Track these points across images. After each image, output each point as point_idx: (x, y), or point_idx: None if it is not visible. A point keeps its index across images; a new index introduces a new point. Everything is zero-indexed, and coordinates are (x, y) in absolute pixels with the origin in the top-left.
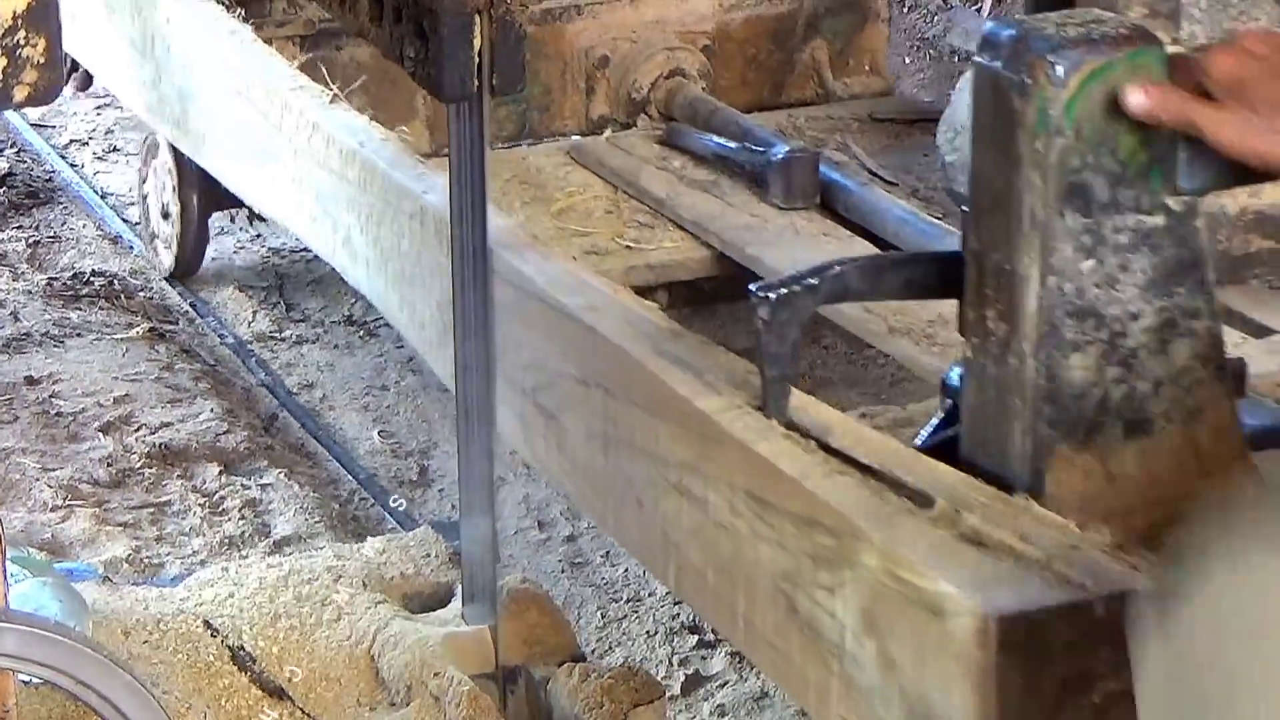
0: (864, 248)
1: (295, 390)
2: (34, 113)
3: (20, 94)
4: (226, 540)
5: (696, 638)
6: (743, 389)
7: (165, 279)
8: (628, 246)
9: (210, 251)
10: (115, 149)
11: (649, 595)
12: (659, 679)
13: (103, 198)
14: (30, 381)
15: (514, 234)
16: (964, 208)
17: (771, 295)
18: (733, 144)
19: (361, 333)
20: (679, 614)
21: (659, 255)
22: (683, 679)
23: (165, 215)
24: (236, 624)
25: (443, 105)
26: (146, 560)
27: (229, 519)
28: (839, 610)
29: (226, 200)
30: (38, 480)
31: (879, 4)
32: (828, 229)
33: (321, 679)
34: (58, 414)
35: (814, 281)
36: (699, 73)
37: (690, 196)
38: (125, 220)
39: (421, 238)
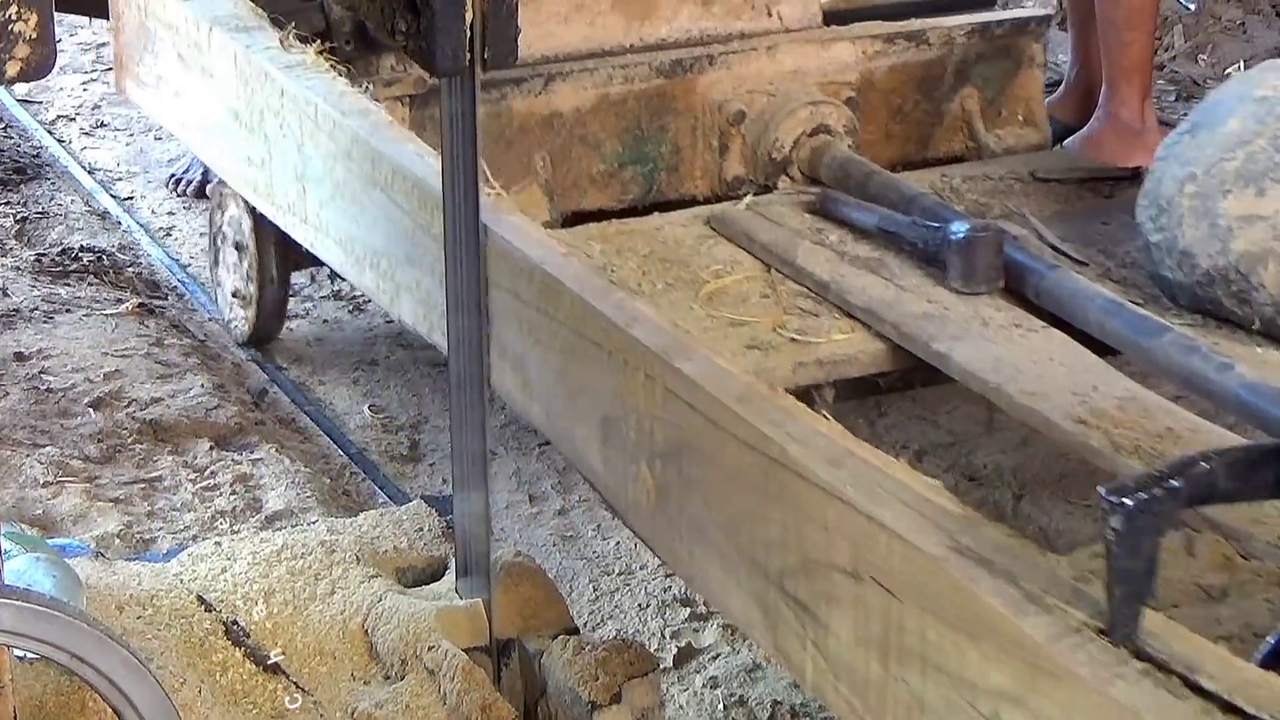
0: (1064, 342)
1: (285, 365)
2: (20, 88)
3: (12, 69)
4: (218, 515)
5: (688, 610)
6: (1074, 604)
7: (240, 345)
8: (793, 339)
9: (198, 226)
10: (103, 124)
11: (640, 569)
12: (652, 652)
13: (90, 173)
14: (20, 357)
15: (752, 387)
16: None
17: (1128, 502)
18: (900, 217)
19: (350, 308)
20: (670, 587)
21: (828, 349)
22: (675, 651)
23: (244, 279)
24: (230, 599)
25: (559, 169)
26: (138, 536)
27: (220, 494)
28: None
29: (307, 260)
30: (28, 456)
31: (1034, 48)
32: (1019, 318)
33: (315, 653)
34: (48, 390)
35: (1177, 484)
36: (845, 129)
37: (856, 277)
38: (113, 196)
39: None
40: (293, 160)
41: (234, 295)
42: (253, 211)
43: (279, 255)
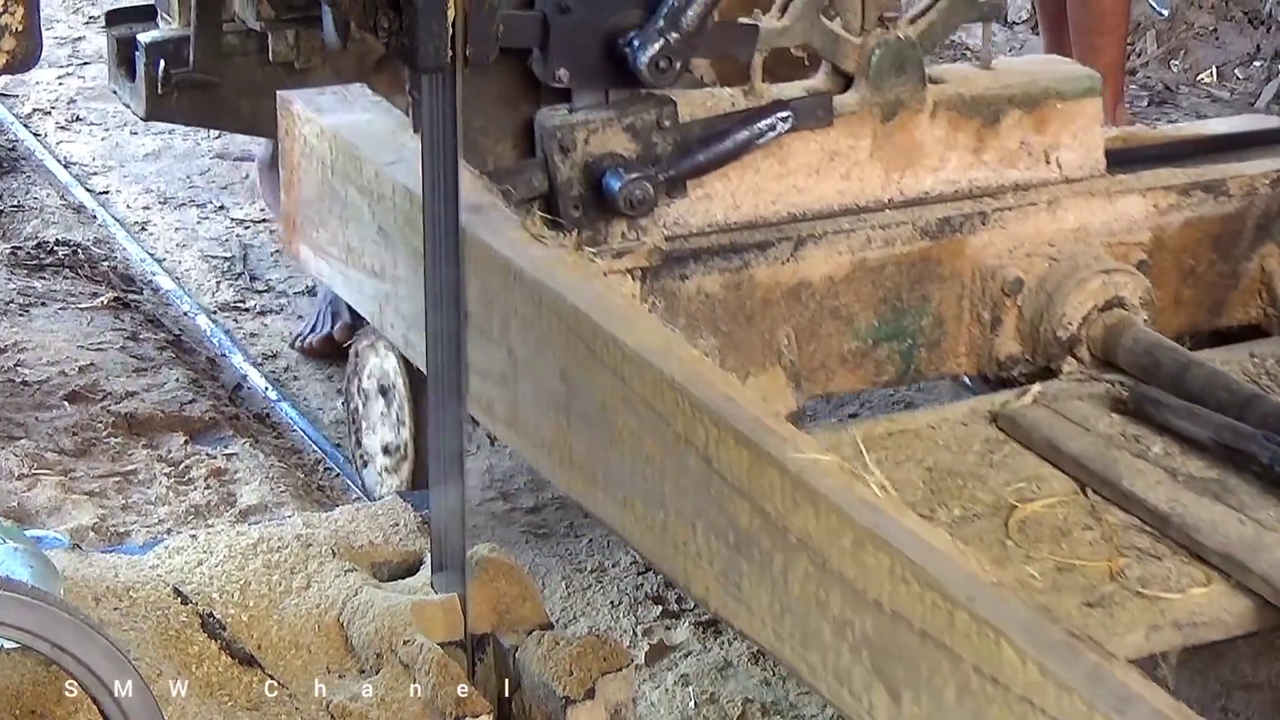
0: None
1: (259, 360)
2: None
3: None
4: (193, 509)
5: (660, 608)
6: None
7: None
8: (1138, 593)
9: (173, 221)
10: (78, 118)
11: (613, 566)
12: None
13: (66, 167)
14: None
15: None
16: None
17: None
18: (1242, 427)
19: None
20: (643, 584)
21: (1184, 607)
22: (647, 648)
23: (395, 425)
24: (206, 591)
25: (805, 348)
26: (112, 529)
27: (195, 488)
28: None
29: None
30: (3, 449)
31: None
32: None
33: (291, 646)
34: (23, 382)
35: None
36: (1141, 301)
37: (1200, 507)
38: (89, 190)
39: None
40: (551, 386)
41: (384, 452)
42: (399, 355)
43: None
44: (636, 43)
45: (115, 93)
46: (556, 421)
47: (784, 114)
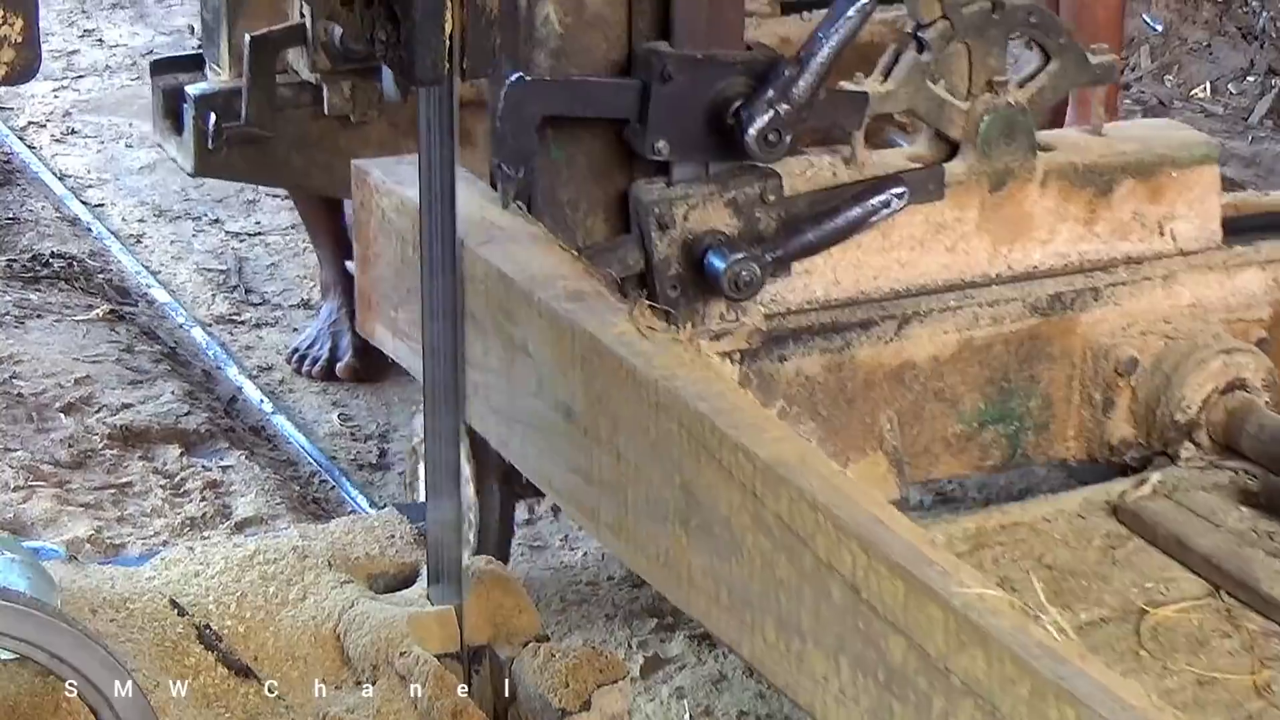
0: None
1: (255, 373)
2: None
3: None
4: (188, 521)
5: (655, 620)
6: None
7: None
8: None
9: (168, 234)
10: (73, 131)
11: (607, 579)
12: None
13: (61, 180)
14: None
15: None
16: None
17: None
18: None
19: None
20: (638, 597)
21: None
22: (641, 661)
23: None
24: (203, 603)
25: (908, 431)
26: (108, 541)
27: (190, 500)
28: None
29: (529, 490)
30: None
31: None
32: None
33: (287, 658)
34: (19, 395)
35: None
36: (1264, 383)
37: None
38: (84, 202)
39: None
40: (667, 496)
41: None
42: (470, 434)
43: (501, 485)
44: (745, 114)
45: (160, 147)
46: (673, 534)
47: (898, 190)
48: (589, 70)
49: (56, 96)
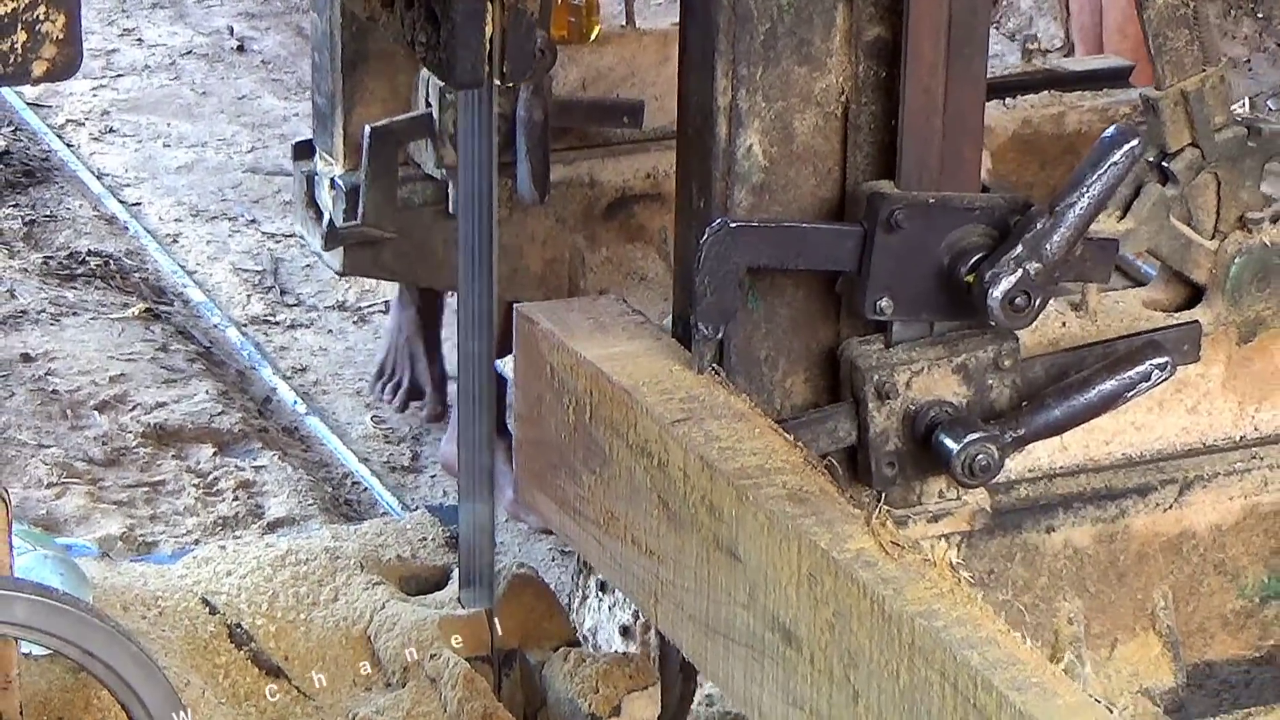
0: None
1: (289, 374)
2: (30, 91)
3: (39, 69)
4: (220, 520)
5: None
6: None
7: None
8: None
9: (204, 234)
10: (111, 130)
11: None
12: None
13: (99, 178)
14: (26, 359)
15: None
16: None
17: None
18: None
19: (354, 318)
20: None
21: None
22: None
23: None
24: (234, 602)
25: (1187, 607)
26: (140, 539)
27: (223, 499)
28: None
29: None
30: (33, 457)
31: None
32: None
33: (318, 658)
34: (54, 392)
35: None
36: None
37: None
38: (121, 201)
39: None
40: None
41: (623, 634)
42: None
43: (684, 667)
44: (989, 273)
45: (303, 238)
46: None
47: (1159, 361)
48: (795, 210)
49: (95, 95)
